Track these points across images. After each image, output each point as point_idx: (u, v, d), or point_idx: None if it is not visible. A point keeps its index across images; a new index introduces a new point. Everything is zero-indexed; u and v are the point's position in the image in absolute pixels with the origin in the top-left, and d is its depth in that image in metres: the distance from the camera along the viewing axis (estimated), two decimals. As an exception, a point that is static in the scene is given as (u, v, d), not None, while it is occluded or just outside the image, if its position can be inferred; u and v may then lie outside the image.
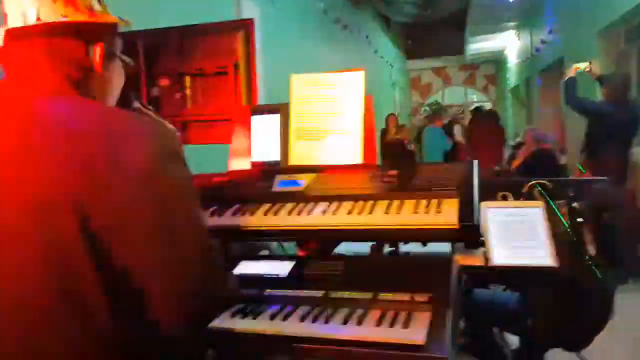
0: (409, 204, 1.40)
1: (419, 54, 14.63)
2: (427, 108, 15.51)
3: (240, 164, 1.77)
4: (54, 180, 0.81)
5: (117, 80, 1.07)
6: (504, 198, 1.70)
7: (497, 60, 15.99)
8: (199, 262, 0.91)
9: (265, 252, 2.14)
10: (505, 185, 1.73)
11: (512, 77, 13.62)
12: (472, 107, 9.68)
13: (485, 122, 7.86)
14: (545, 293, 1.79)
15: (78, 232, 0.80)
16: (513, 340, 2.53)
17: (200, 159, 1.94)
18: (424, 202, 1.40)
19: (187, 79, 2.02)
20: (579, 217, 1.51)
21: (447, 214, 1.31)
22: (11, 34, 0.92)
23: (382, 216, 1.35)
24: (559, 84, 6.99)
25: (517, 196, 1.70)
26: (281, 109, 1.75)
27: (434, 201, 1.39)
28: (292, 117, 1.70)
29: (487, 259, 1.51)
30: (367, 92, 1.67)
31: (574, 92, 4.40)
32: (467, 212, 1.28)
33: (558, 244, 1.52)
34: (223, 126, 2.02)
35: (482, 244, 1.52)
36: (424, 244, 1.40)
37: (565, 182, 1.68)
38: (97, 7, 0.99)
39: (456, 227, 1.25)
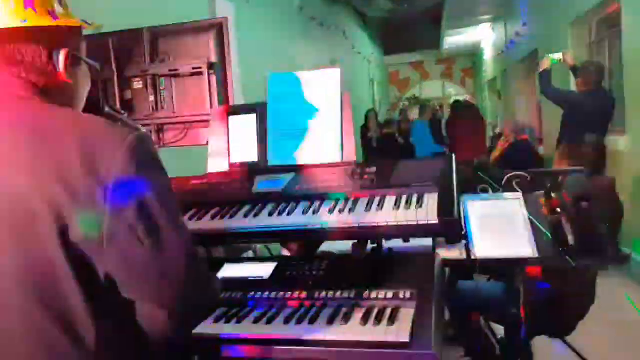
0: (390, 200, 1.39)
1: (396, 49, 14.70)
2: (407, 102, 15.61)
3: (218, 166, 1.75)
4: (31, 189, 0.79)
5: (83, 85, 1.04)
6: (484, 191, 1.71)
7: (473, 54, 16.16)
8: (184, 269, 0.89)
9: (249, 254, 2.12)
10: (484, 179, 1.74)
11: (488, 69, 13.78)
12: (452, 100, 9.73)
13: (466, 115, 7.91)
14: (528, 282, 1.81)
15: (57, 242, 0.78)
16: (499, 330, 2.56)
17: (177, 162, 1.91)
18: (404, 197, 1.39)
19: (161, 81, 1.98)
20: (557, 207, 1.52)
21: (427, 208, 1.30)
22: None
23: (363, 214, 1.34)
24: (534, 75, 7.09)
25: (496, 189, 1.72)
26: (258, 108, 1.73)
27: (415, 196, 1.38)
28: (270, 117, 1.68)
29: (469, 252, 1.52)
30: (345, 89, 1.66)
31: (549, 83, 4.46)
32: (447, 207, 1.28)
33: (537, 234, 1.53)
34: (199, 127, 1.99)
35: (464, 237, 1.53)
36: (406, 240, 1.39)
37: (543, 173, 1.69)
38: (59, 9, 0.95)
39: (437, 222, 1.24)
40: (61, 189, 0.79)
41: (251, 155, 1.71)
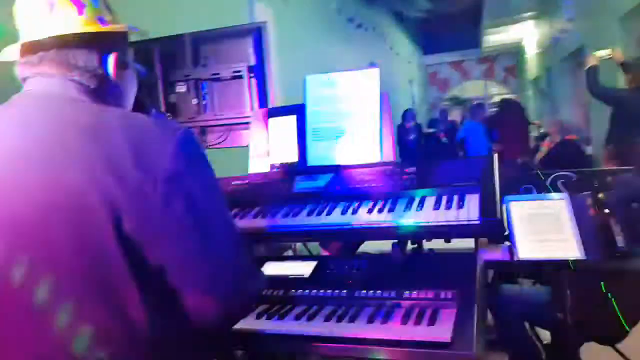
0: (430, 200, 1.38)
1: (435, 48, 14.49)
2: (448, 102, 15.36)
3: (259, 167, 1.78)
4: (85, 183, 0.83)
5: (131, 88, 1.09)
6: (528, 191, 1.67)
7: (515, 52, 15.73)
8: (233, 257, 0.92)
9: (289, 253, 2.14)
10: (530, 178, 1.70)
11: (531, 68, 13.39)
12: (499, 99, 9.43)
13: (512, 114, 7.71)
14: (575, 286, 1.75)
15: (112, 234, 0.82)
16: (545, 336, 2.48)
17: (220, 163, 1.95)
18: (445, 197, 1.38)
19: (203, 85, 2.04)
20: (605, 208, 1.47)
21: (468, 208, 1.29)
22: (26, 47, 0.95)
23: (403, 213, 1.34)
24: (581, 73, 6.84)
25: (541, 189, 1.67)
26: (297, 110, 1.75)
27: (456, 196, 1.37)
28: (309, 118, 1.70)
29: (512, 253, 1.49)
30: (384, 90, 1.66)
31: (596, 80, 4.29)
32: (489, 206, 1.26)
33: (584, 236, 1.48)
34: (241, 129, 2.03)
35: (507, 238, 1.50)
36: (447, 241, 1.38)
37: (590, 172, 1.64)
38: (108, 17, 1.00)
39: (478, 222, 1.23)
40: (114, 182, 0.82)
41: (291, 156, 1.74)
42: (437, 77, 17.07)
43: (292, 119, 1.76)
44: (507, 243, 1.49)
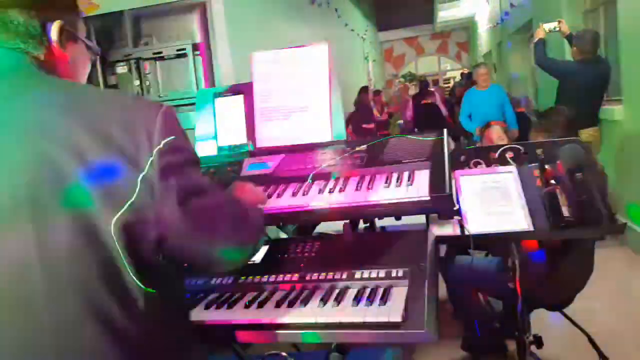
0: (381, 178, 1.37)
1: (389, 25, 14.51)
2: (402, 79, 15.47)
3: (207, 150, 1.71)
4: (73, 164, 0.78)
5: (82, 66, 1.02)
6: (477, 165, 1.68)
7: (467, 27, 15.96)
8: (229, 205, 1.00)
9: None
10: (477, 153, 1.71)
11: (483, 43, 13.61)
12: (460, 73, 9.49)
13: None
14: (523, 256, 1.79)
15: (105, 224, 0.79)
16: (498, 305, 2.56)
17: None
18: (395, 175, 1.37)
19: (146, 64, 1.94)
20: (552, 179, 1.50)
21: (418, 185, 1.28)
22: None
23: (354, 193, 1.32)
24: (530, 47, 7.00)
25: (490, 163, 1.69)
26: (244, 89, 1.69)
27: (406, 173, 1.36)
28: (256, 97, 1.64)
29: (462, 228, 1.50)
30: (339, 67, 1.62)
31: (544, 53, 4.39)
32: (439, 182, 1.25)
33: (532, 208, 1.51)
34: (188, 111, 1.95)
35: (457, 212, 1.51)
36: (397, 218, 1.37)
37: (537, 144, 1.66)
38: None
39: (428, 197, 1.22)
40: (104, 162, 0.79)
41: (239, 137, 1.68)
42: (393, 53, 17.13)
43: (239, 99, 1.70)
44: (458, 217, 1.50)
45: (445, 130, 1.50)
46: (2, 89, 0.85)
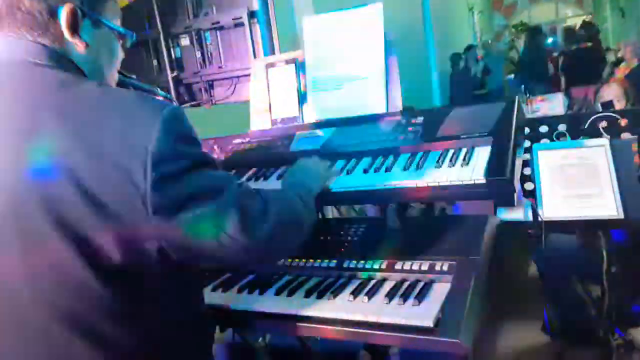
0: (434, 156, 1.21)
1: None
2: (514, 30, 14.17)
3: (261, 123, 1.66)
4: (61, 171, 0.74)
5: (108, 55, 0.94)
6: (560, 137, 1.44)
7: (592, -34, 14.04)
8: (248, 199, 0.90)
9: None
10: (564, 122, 1.46)
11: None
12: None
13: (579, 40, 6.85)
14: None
15: (80, 253, 0.76)
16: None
17: (228, 119, 1.85)
18: (450, 153, 1.20)
19: (206, 35, 1.91)
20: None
21: (474, 166, 1.11)
22: None
23: (400, 173, 1.18)
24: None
25: (578, 133, 1.43)
26: (297, 58, 1.59)
27: (463, 151, 1.19)
28: (307, 67, 1.54)
29: (535, 213, 1.30)
30: (441, 19, 1.44)
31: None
32: (498, 163, 1.07)
33: (627, 190, 1.26)
34: (247, 82, 1.90)
35: (531, 194, 1.31)
36: (451, 203, 1.21)
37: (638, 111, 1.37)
38: None
39: (484, 181, 1.05)
40: (95, 172, 0.74)
41: (292, 110, 1.60)
42: (502, 1, 15.69)
43: (291, 68, 1.60)
44: (530, 200, 1.30)
45: (517, 97, 1.28)
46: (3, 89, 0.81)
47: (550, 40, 10.17)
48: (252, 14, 1.81)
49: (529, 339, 2.32)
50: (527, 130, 1.44)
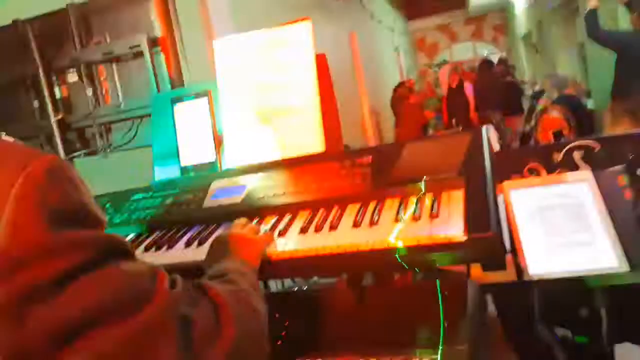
0: (391, 206, 0.92)
1: (419, 13, 13.83)
2: (437, 69, 14.79)
3: (168, 171, 1.31)
4: None
5: None
6: (533, 172, 1.20)
7: (503, 9, 15.08)
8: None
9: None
10: (534, 153, 1.23)
11: (521, 23, 12.77)
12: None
13: (491, 75, 7.12)
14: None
15: None
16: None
17: (130, 169, 1.49)
18: (413, 200, 0.91)
19: (98, 69, 1.56)
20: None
21: (448, 218, 0.82)
22: None
23: (349, 233, 0.88)
24: (573, 22, 6.30)
25: (551, 167, 1.20)
26: (210, 91, 1.27)
27: (428, 197, 0.91)
28: (222, 100, 1.22)
29: (519, 270, 1.03)
30: (368, 61, 1.18)
31: (597, 24, 3.79)
32: (478, 213, 0.79)
33: (622, 232, 1.02)
34: (149, 123, 1.55)
35: (511, 250, 1.04)
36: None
37: (620, 138, 1.17)
38: None
39: (462, 240, 0.76)
40: None
41: (206, 154, 1.27)
42: (425, 42, 16.48)
43: (203, 103, 1.28)
44: (509, 255, 1.03)
45: (485, 128, 1.03)
46: None
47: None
48: (153, 41, 1.48)
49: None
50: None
